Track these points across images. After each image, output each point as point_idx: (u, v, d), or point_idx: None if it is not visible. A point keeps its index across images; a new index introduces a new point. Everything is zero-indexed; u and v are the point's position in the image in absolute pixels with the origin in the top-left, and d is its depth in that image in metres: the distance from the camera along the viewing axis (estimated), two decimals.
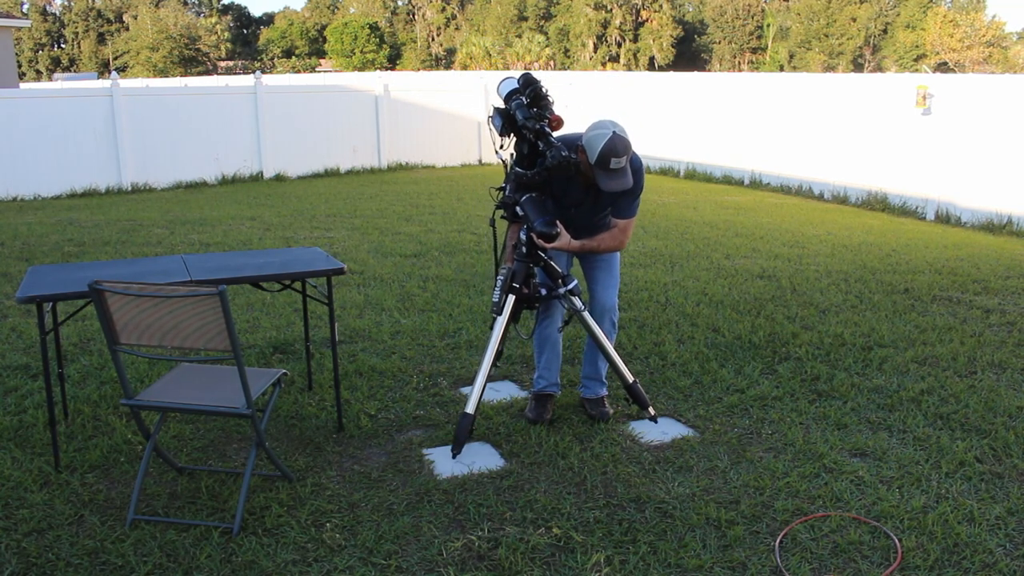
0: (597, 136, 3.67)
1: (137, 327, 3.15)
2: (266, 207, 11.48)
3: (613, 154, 3.64)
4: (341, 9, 76.06)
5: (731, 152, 14.57)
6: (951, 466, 3.71)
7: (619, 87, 17.30)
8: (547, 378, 4.26)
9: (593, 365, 4.30)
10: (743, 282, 6.97)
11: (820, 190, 13.04)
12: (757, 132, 14.05)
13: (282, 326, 5.77)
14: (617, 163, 3.66)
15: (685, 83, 16.14)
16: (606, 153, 3.63)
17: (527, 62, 50.00)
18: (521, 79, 3.97)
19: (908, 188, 11.73)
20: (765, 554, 3.04)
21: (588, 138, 3.71)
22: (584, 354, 4.38)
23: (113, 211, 11.31)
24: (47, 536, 3.14)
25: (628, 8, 56.80)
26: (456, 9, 69.40)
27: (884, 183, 12.06)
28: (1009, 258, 8.25)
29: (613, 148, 3.63)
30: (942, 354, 5.18)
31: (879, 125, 12.17)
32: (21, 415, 4.22)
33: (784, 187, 13.60)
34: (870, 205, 12.10)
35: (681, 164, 15.59)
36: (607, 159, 3.64)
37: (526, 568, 2.95)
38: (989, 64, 47.15)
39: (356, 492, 3.48)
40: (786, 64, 53.65)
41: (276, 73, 54.52)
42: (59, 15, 69.24)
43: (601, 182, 3.71)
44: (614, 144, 3.64)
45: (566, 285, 3.95)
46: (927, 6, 51.12)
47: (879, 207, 11.93)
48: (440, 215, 10.64)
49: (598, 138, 3.66)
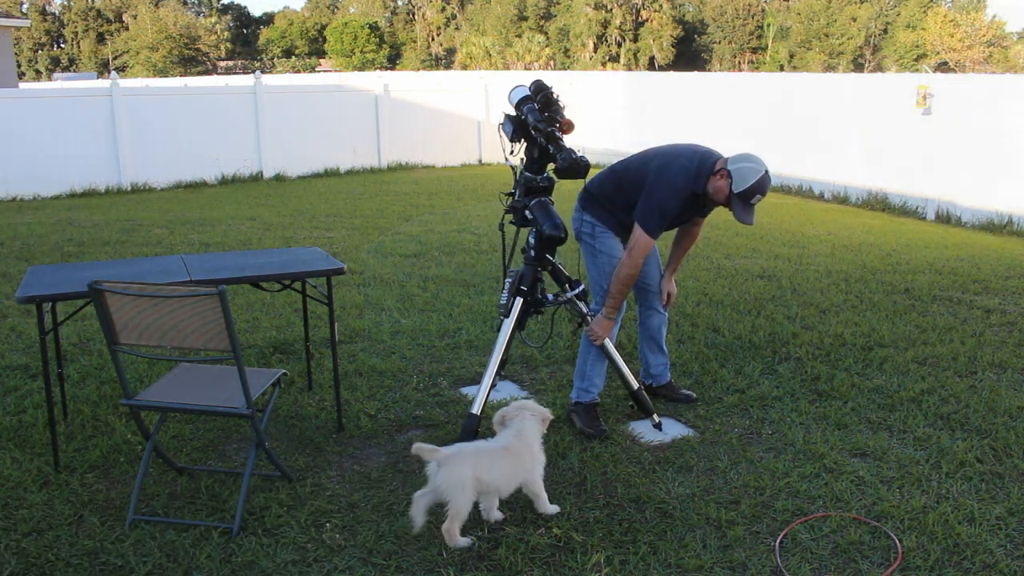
0: (750, 170, 3.73)
1: (137, 327, 3.15)
2: (266, 207, 11.48)
3: (760, 191, 3.74)
4: (341, 9, 76.08)
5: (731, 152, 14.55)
6: (951, 466, 3.71)
7: (619, 87, 17.30)
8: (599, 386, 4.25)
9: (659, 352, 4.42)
10: (743, 282, 6.97)
11: (820, 190, 13.04)
12: (757, 132, 14.04)
13: (282, 326, 5.77)
14: (758, 200, 3.77)
15: (685, 83, 16.13)
16: (754, 189, 3.73)
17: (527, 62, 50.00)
18: (532, 85, 4.02)
19: (908, 188, 11.73)
20: (765, 554, 3.04)
21: (739, 168, 3.76)
22: (643, 347, 4.46)
23: (113, 211, 11.30)
24: (47, 536, 3.14)
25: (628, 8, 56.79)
26: (456, 9, 69.39)
27: (884, 183, 12.06)
28: (1009, 258, 8.25)
29: (762, 187, 3.74)
30: (942, 354, 5.17)
31: (879, 125, 12.16)
32: (21, 415, 4.21)
33: (784, 187, 13.60)
34: (870, 205, 12.10)
35: None
36: (753, 194, 3.74)
37: (526, 568, 2.94)
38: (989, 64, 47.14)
39: (356, 492, 3.48)
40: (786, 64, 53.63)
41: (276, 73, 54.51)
42: (59, 15, 69.24)
43: (736, 212, 3.79)
44: (764, 183, 3.75)
45: (573, 290, 3.96)
46: (927, 6, 51.11)
47: (879, 207, 11.93)
48: (440, 215, 10.64)
49: (751, 172, 3.73)
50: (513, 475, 3.17)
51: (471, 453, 3.13)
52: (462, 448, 3.16)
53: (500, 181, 13.35)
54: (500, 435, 3.30)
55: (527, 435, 3.25)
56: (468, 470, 3.03)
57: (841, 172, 12.73)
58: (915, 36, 49.49)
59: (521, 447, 3.21)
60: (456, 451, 3.11)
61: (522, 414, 3.31)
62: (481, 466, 3.07)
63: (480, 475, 3.06)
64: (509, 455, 3.18)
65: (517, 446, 3.21)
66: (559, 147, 3.79)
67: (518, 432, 3.25)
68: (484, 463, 3.09)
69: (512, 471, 3.17)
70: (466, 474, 3.02)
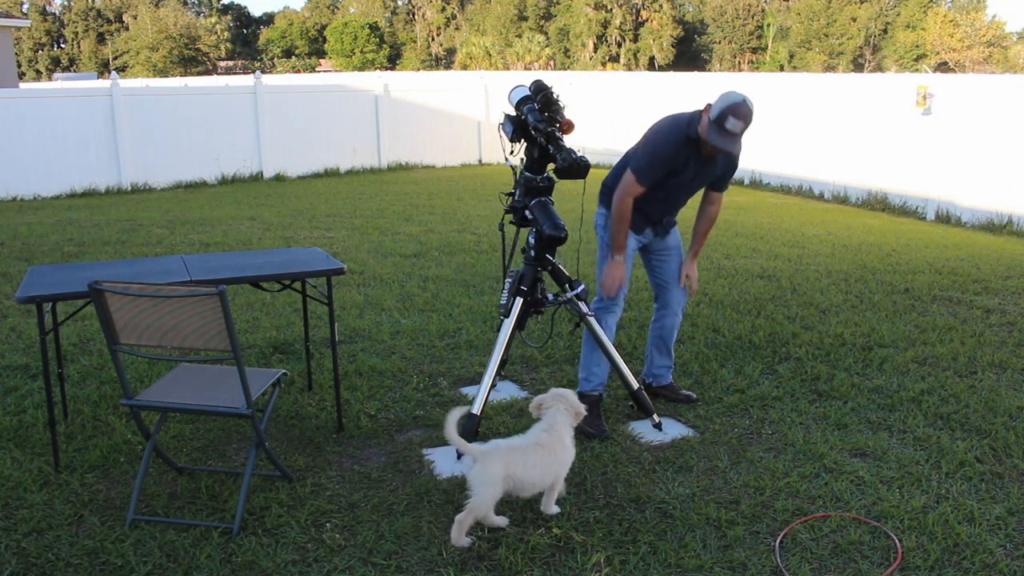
0: (728, 95, 3.75)
1: (137, 327, 3.15)
2: (266, 207, 11.48)
3: (732, 113, 3.70)
4: (341, 9, 76.06)
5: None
6: (951, 466, 3.71)
7: (620, 87, 17.29)
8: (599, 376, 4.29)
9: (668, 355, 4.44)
10: (743, 282, 6.97)
11: (820, 190, 13.04)
12: (757, 132, 13.99)
13: (282, 326, 5.77)
14: (733, 125, 3.71)
15: (685, 83, 16.12)
16: (726, 111, 3.71)
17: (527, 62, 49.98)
18: (532, 85, 4.03)
19: (908, 188, 11.73)
20: (765, 554, 3.04)
21: (720, 96, 3.79)
22: (651, 346, 4.48)
23: (113, 211, 11.31)
24: (47, 536, 3.14)
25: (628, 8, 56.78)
26: (456, 9, 69.38)
27: (884, 183, 12.06)
28: (1009, 258, 8.25)
29: (736, 110, 3.69)
30: (942, 354, 5.18)
31: (879, 125, 12.16)
32: (21, 415, 4.21)
33: (784, 187, 13.61)
34: (870, 205, 12.10)
35: None
36: (725, 116, 3.71)
37: (526, 568, 2.95)
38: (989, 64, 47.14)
39: (356, 492, 3.48)
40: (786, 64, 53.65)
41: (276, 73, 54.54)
42: (59, 15, 69.24)
43: (711, 136, 3.75)
44: (737, 108, 3.70)
45: (573, 290, 3.96)
46: (927, 6, 51.10)
47: (879, 207, 11.93)
48: (440, 215, 10.64)
49: (729, 97, 3.74)
50: (546, 470, 3.20)
51: (505, 450, 3.14)
52: (498, 445, 3.18)
53: (500, 181, 13.36)
54: (532, 430, 3.31)
55: (558, 428, 3.27)
56: (500, 468, 3.05)
57: (841, 172, 12.73)
58: (915, 36, 49.49)
59: (554, 441, 3.23)
60: (492, 448, 3.13)
61: (557, 405, 3.33)
62: (515, 463, 3.10)
63: (513, 472, 3.08)
64: (542, 450, 3.20)
65: (550, 440, 3.23)
66: (559, 147, 3.80)
67: (550, 426, 3.27)
68: (518, 460, 3.11)
69: (545, 466, 3.19)
70: (497, 472, 3.04)
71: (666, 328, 4.42)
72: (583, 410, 3.39)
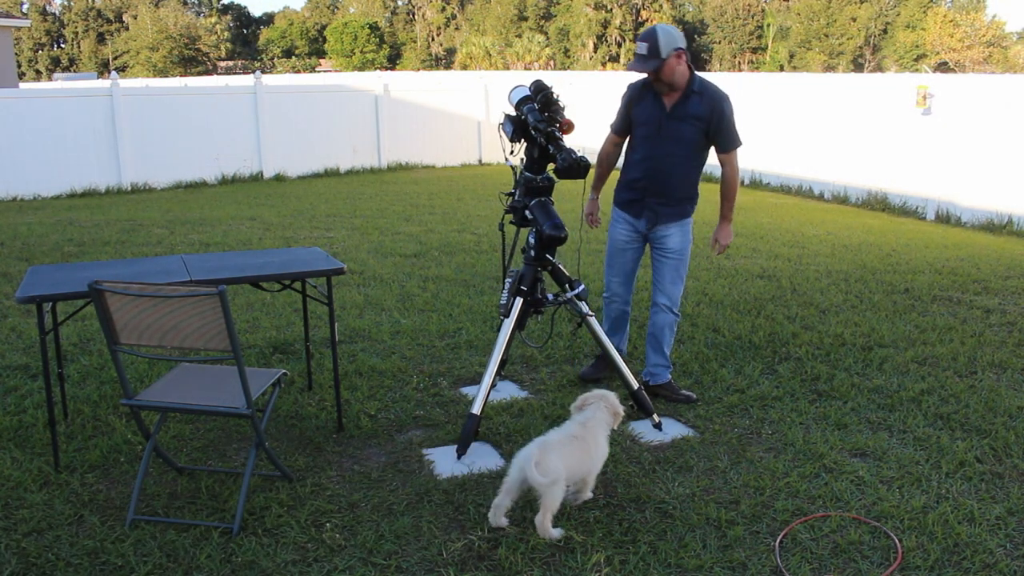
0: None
1: (137, 327, 3.15)
2: (266, 207, 11.48)
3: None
4: (341, 9, 76.07)
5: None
6: (951, 466, 3.71)
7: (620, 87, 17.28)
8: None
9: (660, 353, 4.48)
10: (743, 282, 6.97)
11: (820, 190, 13.04)
12: (757, 132, 14.02)
13: (282, 326, 5.77)
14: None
15: None
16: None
17: (527, 62, 49.98)
18: (532, 85, 4.03)
19: (908, 188, 11.73)
20: (765, 554, 3.04)
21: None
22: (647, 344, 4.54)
23: (113, 211, 11.30)
24: (47, 536, 3.14)
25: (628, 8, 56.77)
26: (456, 9, 69.38)
27: (884, 183, 12.06)
28: (1009, 258, 8.25)
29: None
30: (942, 354, 5.18)
31: (879, 125, 12.16)
32: (21, 415, 4.21)
33: (784, 187, 13.60)
34: (870, 205, 12.10)
35: None
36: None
37: (526, 568, 2.95)
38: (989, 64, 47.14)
39: (356, 492, 3.48)
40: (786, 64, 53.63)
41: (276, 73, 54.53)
42: (59, 15, 69.24)
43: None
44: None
45: (573, 290, 3.97)
46: (927, 6, 51.10)
47: (879, 207, 11.93)
48: (440, 215, 10.64)
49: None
50: (580, 464, 3.22)
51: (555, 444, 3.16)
52: (546, 441, 3.18)
53: (500, 181, 13.35)
54: (566, 424, 3.34)
55: (593, 424, 3.29)
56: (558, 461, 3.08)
57: (841, 172, 12.72)
58: (915, 36, 49.49)
59: (588, 436, 3.26)
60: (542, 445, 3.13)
61: (598, 403, 3.37)
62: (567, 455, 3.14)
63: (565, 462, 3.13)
64: (578, 443, 3.22)
65: (585, 435, 3.25)
66: (559, 147, 3.81)
67: (584, 422, 3.30)
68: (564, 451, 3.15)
69: (580, 460, 3.21)
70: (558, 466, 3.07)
71: (655, 324, 4.47)
72: (622, 412, 3.44)
